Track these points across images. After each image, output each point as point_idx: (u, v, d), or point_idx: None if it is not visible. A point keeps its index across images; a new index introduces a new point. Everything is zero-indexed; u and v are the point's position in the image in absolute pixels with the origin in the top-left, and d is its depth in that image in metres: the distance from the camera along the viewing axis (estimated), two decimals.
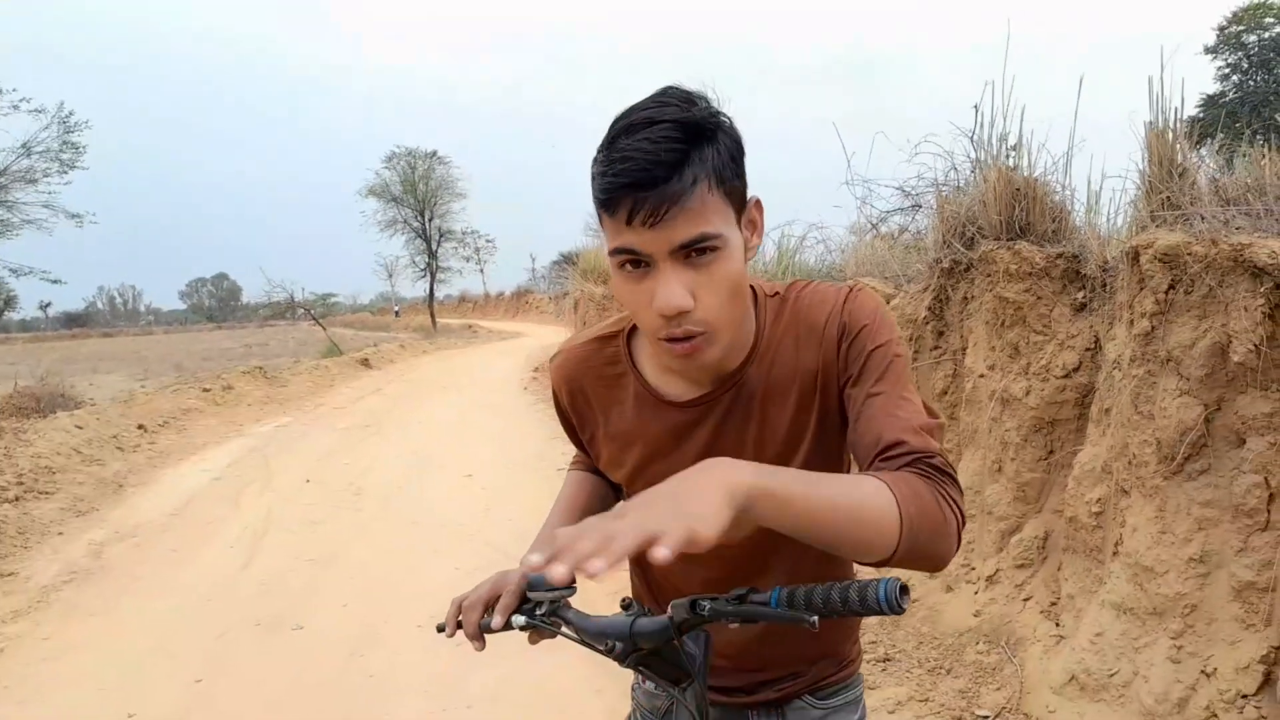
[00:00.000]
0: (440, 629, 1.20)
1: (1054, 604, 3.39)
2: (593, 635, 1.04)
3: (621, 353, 1.26)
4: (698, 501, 0.78)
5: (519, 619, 1.11)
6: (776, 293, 1.21)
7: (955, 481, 1.01)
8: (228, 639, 4.21)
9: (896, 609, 0.84)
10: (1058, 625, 3.28)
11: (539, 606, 1.10)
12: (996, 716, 3.07)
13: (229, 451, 9.48)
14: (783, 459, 1.15)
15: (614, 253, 1.02)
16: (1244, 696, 2.52)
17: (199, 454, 9.37)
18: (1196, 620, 2.68)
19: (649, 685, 1.32)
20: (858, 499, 0.90)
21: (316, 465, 8.46)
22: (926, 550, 0.93)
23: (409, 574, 4.99)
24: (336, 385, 16.65)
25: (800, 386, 1.15)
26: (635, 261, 1.01)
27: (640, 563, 1.35)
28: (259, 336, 41.49)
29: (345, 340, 27.48)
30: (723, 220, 1.02)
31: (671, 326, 1.02)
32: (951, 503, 0.97)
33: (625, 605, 1.03)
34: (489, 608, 1.15)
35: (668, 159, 0.96)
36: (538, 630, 1.13)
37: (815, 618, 0.88)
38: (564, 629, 1.09)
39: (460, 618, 1.16)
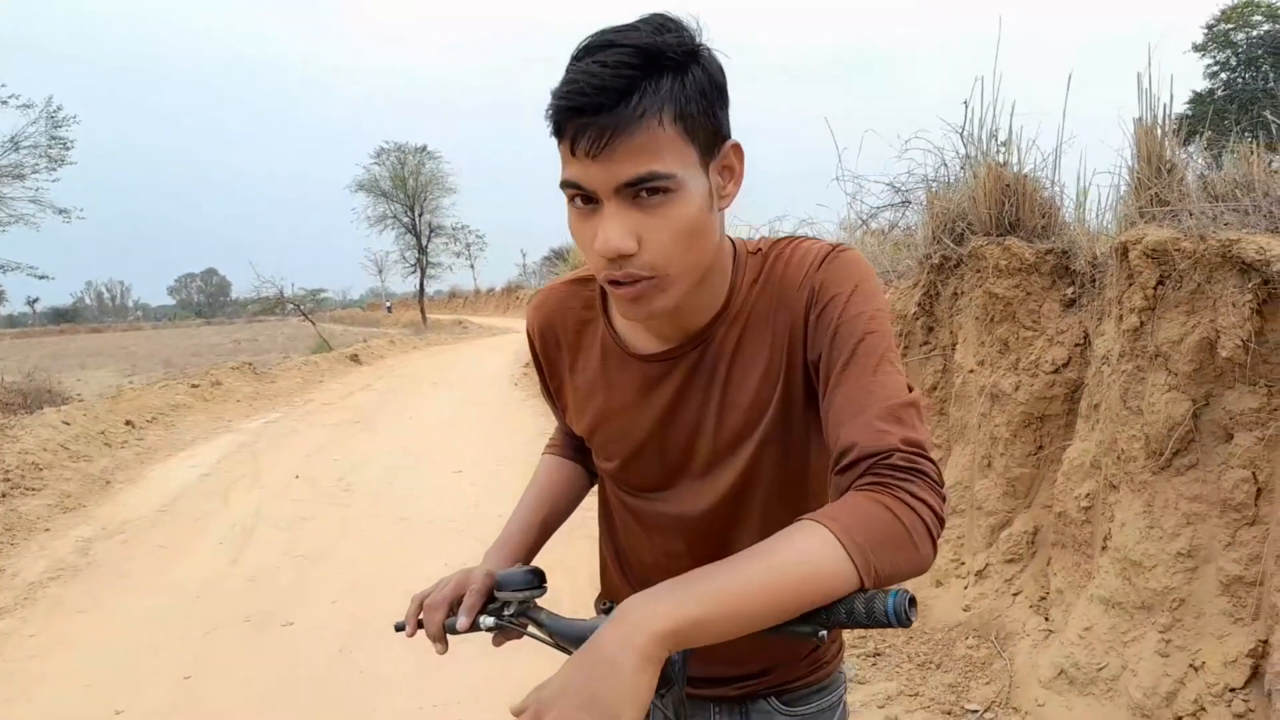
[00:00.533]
0: (399, 628, 1.15)
1: (1043, 598, 3.40)
2: (568, 638, 1.00)
3: (596, 297, 1.19)
4: (613, 688, 0.72)
5: (487, 620, 1.07)
6: (759, 250, 1.12)
7: (920, 474, 0.89)
8: (216, 635, 4.19)
9: (905, 622, 0.80)
10: (1047, 620, 3.30)
11: (507, 607, 1.06)
12: (986, 711, 3.08)
13: (218, 448, 9.43)
14: (743, 432, 1.09)
15: (563, 185, 0.96)
16: (1232, 690, 2.53)
17: (187, 450, 9.32)
18: (1185, 614, 2.69)
19: None
20: (795, 568, 0.81)
21: (306, 461, 8.43)
22: (895, 574, 0.85)
23: (398, 570, 4.98)
24: (326, 381, 16.59)
25: (771, 353, 1.08)
26: (585, 198, 0.94)
27: (611, 532, 1.30)
28: (248, 332, 41.41)
29: (335, 336, 27.42)
30: (678, 160, 0.92)
31: (612, 269, 0.94)
32: (912, 505, 0.87)
33: (605, 609, 1.00)
34: (453, 608, 1.10)
35: (614, 85, 0.88)
36: (505, 632, 1.09)
37: (823, 631, 0.83)
38: (534, 630, 1.05)
39: (421, 617, 1.12)
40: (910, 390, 0.97)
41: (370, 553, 5.40)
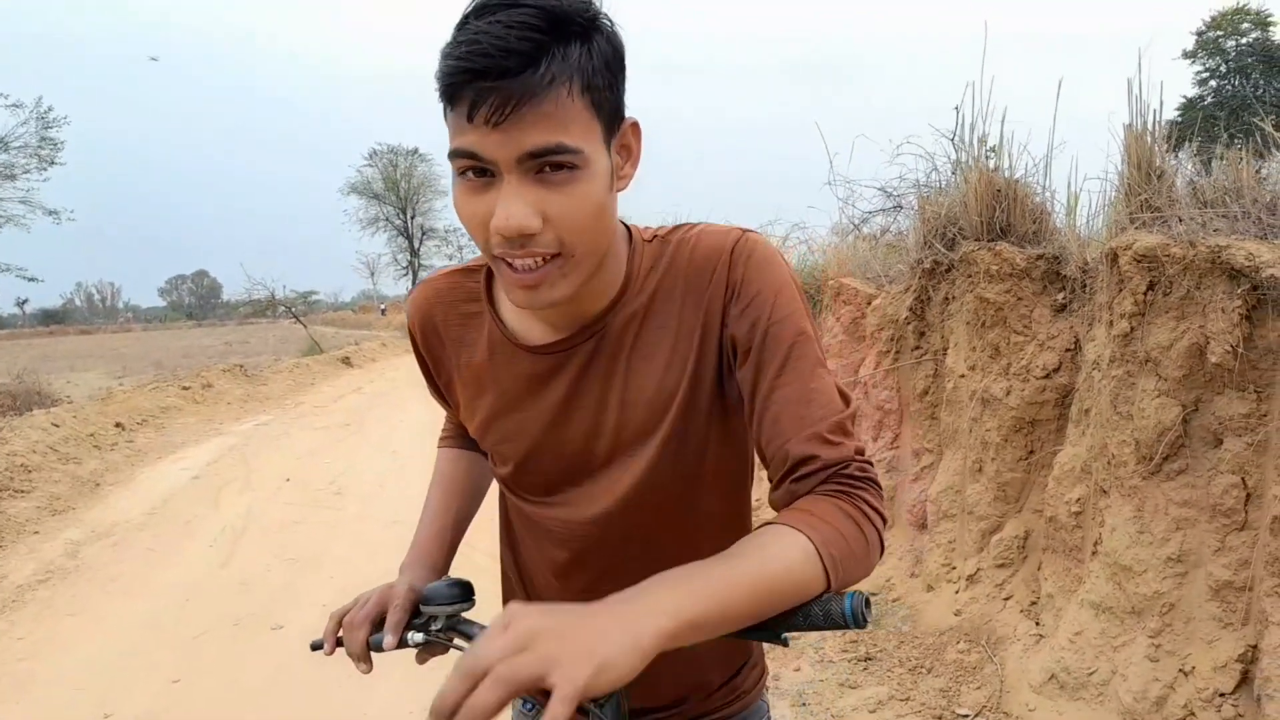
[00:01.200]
0: (316, 646, 1.09)
1: (1034, 603, 3.41)
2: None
3: (481, 288, 1.10)
4: (613, 643, 0.68)
5: (416, 636, 1.02)
6: (656, 236, 1.06)
7: (873, 484, 0.93)
8: (206, 638, 4.18)
9: (862, 623, 0.80)
10: (1038, 624, 3.31)
11: (434, 621, 1.02)
12: (977, 715, 3.09)
13: (208, 450, 9.41)
14: (649, 423, 1.02)
15: (453, 155, 0.87)
16: (1221, 695, 2.54)
17: (178, 453, 9.29)
18: (1174, 619, 2.70)
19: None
20: (779, 568, 0.81)
21: (297, 464, 8.41)
22: (851, 580, 0.86)
23: (389, 573, 4.91)
24: (317, 384, 16.57)
25: (676, 343, 1.01)
26: (478, 171, 0.86)
27: (511, 542, 1.23)
28: (239, 334, 41.28)
29: (326, 338, 27.37)
30: (585, 134, 0.86)
31: (510, 248, 0.87)
32: (870, 516, 0.90)
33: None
34: (376, 625, 1.06)
35: (521, 48, 0.81)
36: (430, 648, 1.04)
37: (785, 634, 0.82)
38: (462, 644, 1.01)
39: (341, 634, 1.07)
40: (845, 399, 0.97)
41: (361, 556, 5.38)
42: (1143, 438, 2.78)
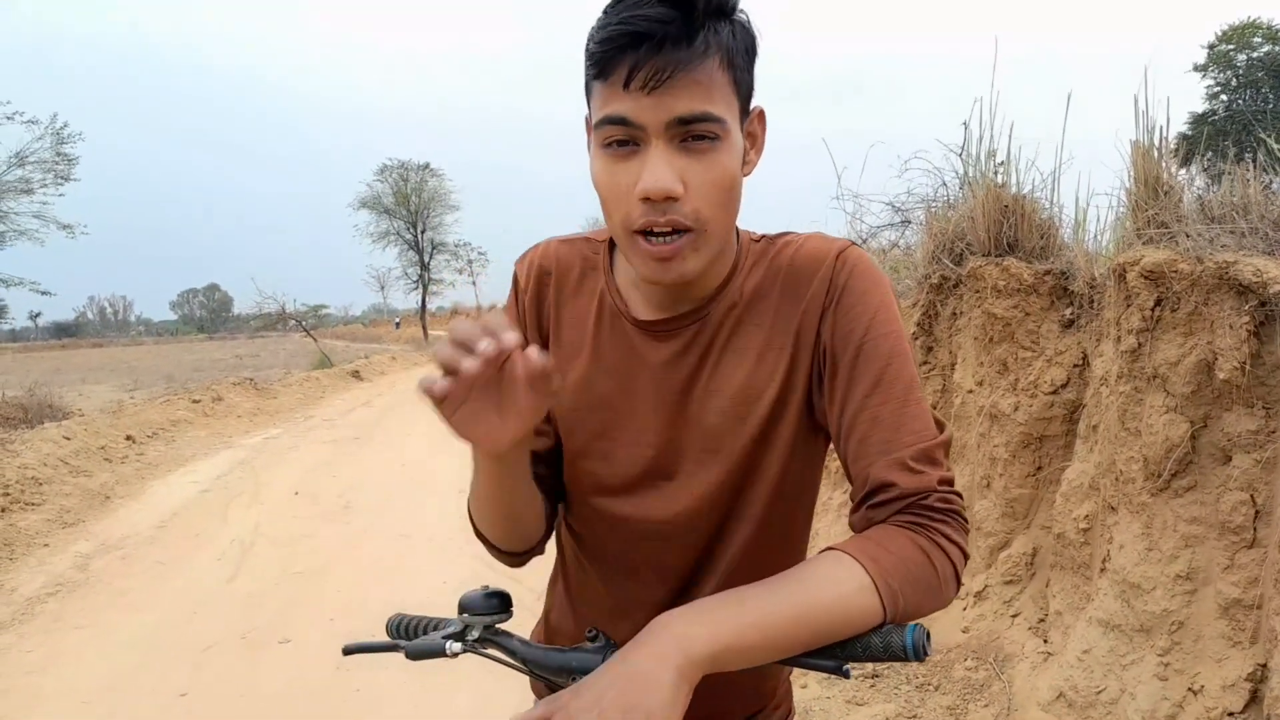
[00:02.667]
0: (347, 651, 1.07)
1: (1042, 620, 3.39)
2: (545, 667, 0.93)
3: (601, 258, 1.11)
4: (654, 701, 0.70)
5: (454, 645, 0.97)
6: (764, 237, 1.08)
7: (955, 516, 0.91)
8: (213, 652, 4.18)
9: (922, 656, 0.79)
10: (1046, 642, 3.28)
11: (470, 630, 0.98)
12: None
13: (218, 463, 9.44)
14: (733, 416, 1.02)
15: (601, 124, 0.90)
16: (1230, 714, 2.52)
17: (187, 465, 9.32)
18: (1183, 637, 2.69)
19: None
20: (829, 597, 0.81)
21: (306, 478, 8.43)
22: (916, 613, 0.86)
23: (397, 588, 4.97)
24: (327, 397, 16.62)
25: (769, 340, 1.02)
26: (622, 141, 0.90)
27: (565, 574, 1.21)
28: (250, 347, 41.42)
29: (336, 352, 27.46)
30: (728, 109, 0.91)
31: (654, 214, 0.90)
32: (945, 548, 0.89)
33: (591, 636, 0.93)
34: (412, 630, 1.04)
35: (681, 17, 0.86)
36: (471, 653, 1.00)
37: (848, 665, 0.81)
38: (498, 655, 0.98)
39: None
40: (940, 427, 0.96)
41: (369, 570, 5.39)
42: (1151, 454, 2.76)
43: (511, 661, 0.97)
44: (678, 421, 1.04)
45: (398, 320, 59.32)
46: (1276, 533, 2.47)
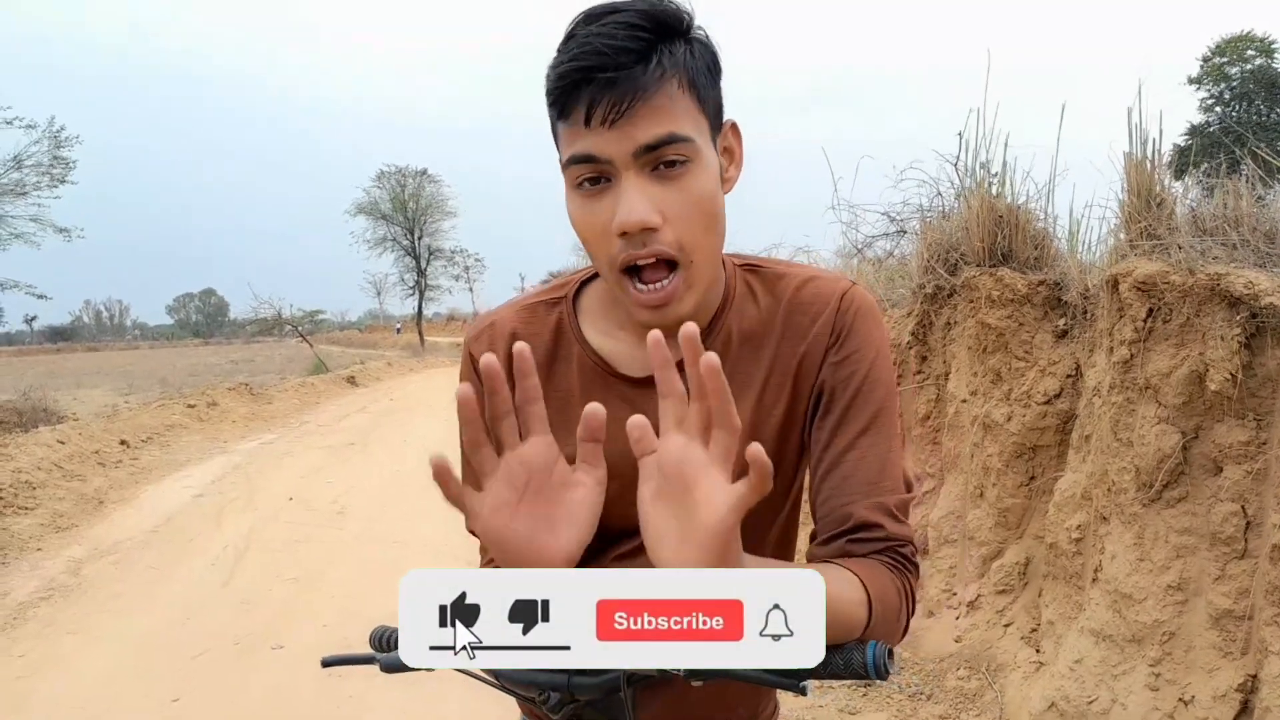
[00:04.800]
0: (326, 663, 1.05)
1: (1034, 630, 3.40)
2: (518, 681, 0.91)
3: (567, 320, 1.05)
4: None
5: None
6: (750, 265, 1.06)
7: (916, 571, 0.95)
8: (206, 658, 4.17)
9: (884, 674, 0.79)
10: (1038, 652, 3.29)
11: None
12: None
13: (212, 468, 9.42)
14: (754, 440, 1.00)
15: (570, 163, 0.89)
16: None
17: (182, 470, 9.31)
18: (1175, 648, 2.69)
19: None
20: (840, 601, 0.83)
21: (300, 483, 8.41)
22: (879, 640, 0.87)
23: (391, 594, 4.90)
24: (322, 403, 16.60)
25: (770, 376, 1.01)
26: (594, 178, 0.88)
27: None
28: (246, 353, 41.34)
29: (332, 357, 27.43)
30: (696, 128, 0.89)
31: (633, 247, 0.88)
32: (909, 597, 0.93)
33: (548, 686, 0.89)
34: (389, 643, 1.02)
35: (632, 45, 0.85)
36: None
37: (805, 682, 0.81)
38: (473, 669, 0.93)
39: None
40: (909, 485, 0.99)
41: (363, 577, 5.38)
42: (1143, 465, 2.78)
43: (482, 675, 0.96)
44: None
45: (399, 326, 59.28)
46: (1267, 544, 2.48)
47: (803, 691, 0.81)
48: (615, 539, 1.04)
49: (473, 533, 0.87)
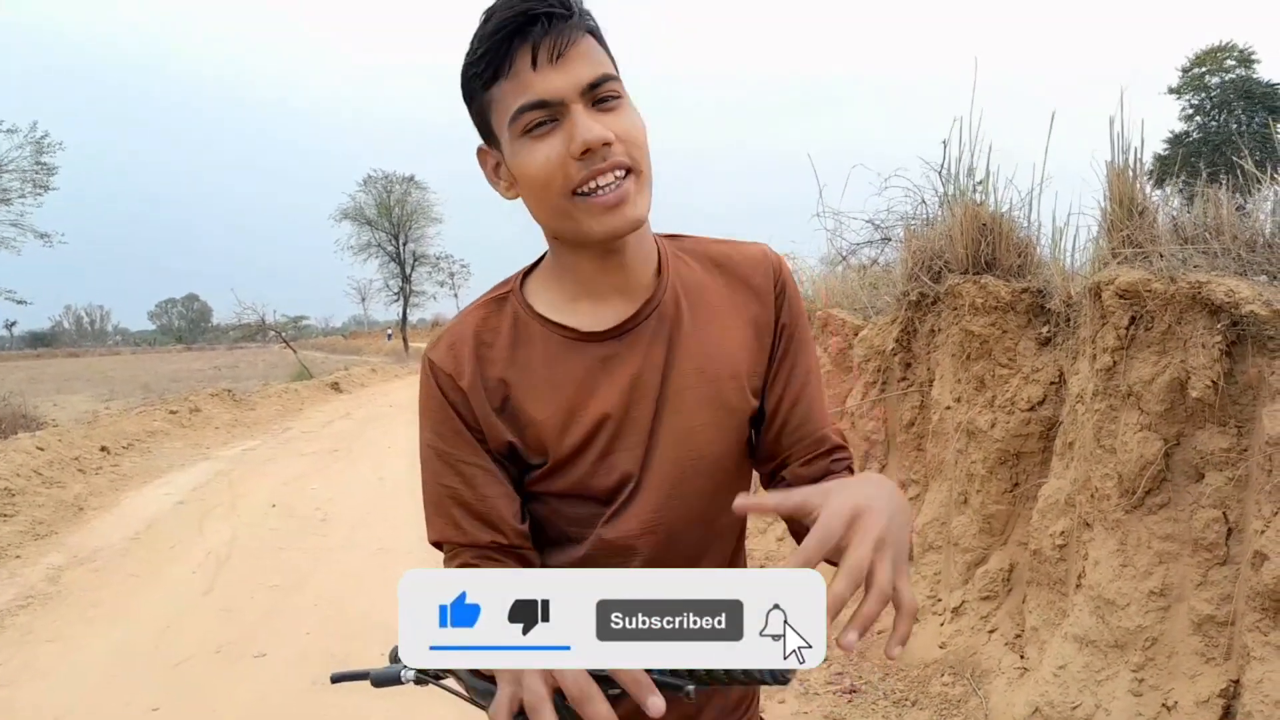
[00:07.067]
0: (335, 679, 1.10)
1: (1019, 636, 3.41)
2: (484, 694, 0.90)
3: (520, 308, 1.10)
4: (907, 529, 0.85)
5: (408, 673, 0.99)
6: (669, 235, 1.18)
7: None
8: (187, 666, 4.14)
9: (783, 679, 0.79)
10: (1022, 657, 3.30)
11: None
12: None
13: (194, 475, 9.35)
14: (719, 390, 1.09)
15: (520, 112, 0.96)
16: None
17: (163, 477, 9.24)
18: (1157, 653, 2.71)
19: None
20: None
21: (283, 490, 8.36)
22: None
23: (374, 601, 4.93)
24: (305, 409, 16.50)
25: (734, 320, 1.12)
26: (544, 122, 0.96)
27: None
28: (229, 358, 41.13)
29: (316, 363, 27.31)
30: (616, 71, 1.00)
31: (595, 163, 0.95)
32: None
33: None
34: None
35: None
36: (420, 683, 0.99)
37: (692, 687, 0.80)
38: (451, 684, 0.98)
39: None
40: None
41: (346, 583, 5.35)
42: (1125, 471, 2.79)
43: (463, 693, 0.96)
44: (664, 401, 1.08)
45: (389, 332, 59.07)
46: (1249, 550, 2.50)
47: (689, 696, 0.80)
48: (606, 500, 1.09)
49: None
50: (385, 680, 0.98)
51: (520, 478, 1.11)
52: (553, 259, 1.10)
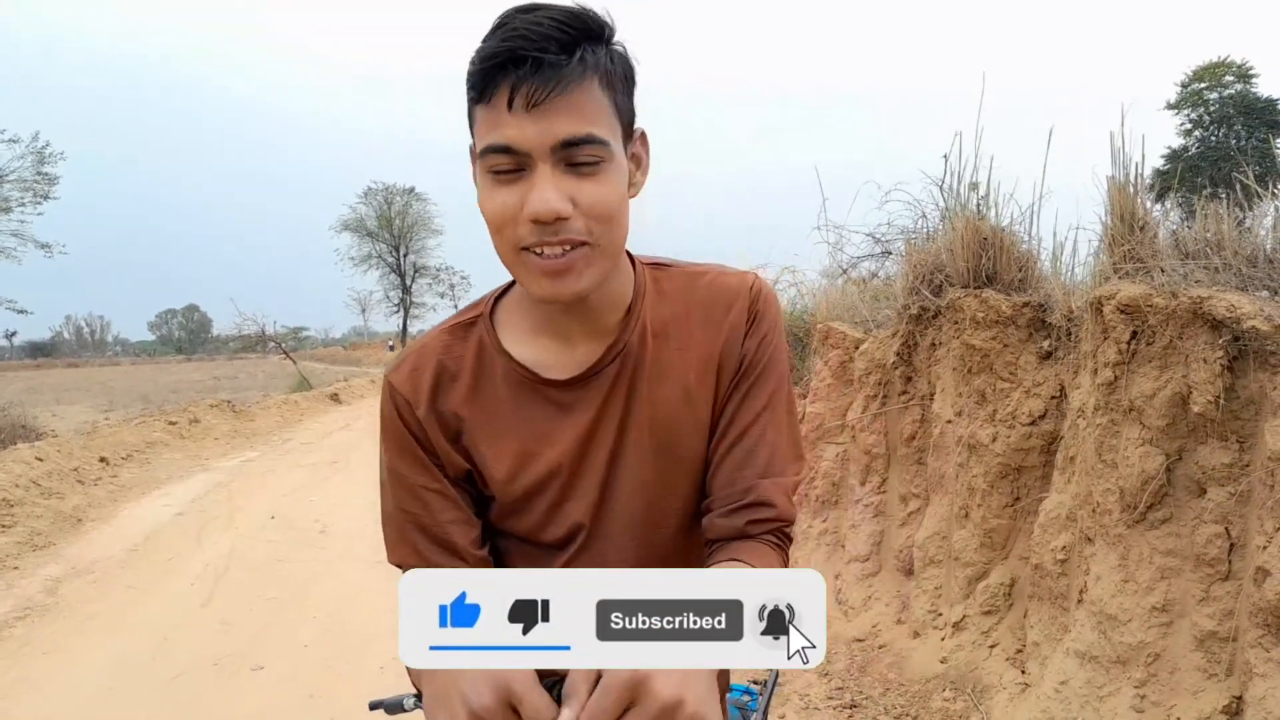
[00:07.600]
0: (373, 706, 1.11)
1: (1020, 651, 3.39)
2: None
3: (487, 337, 1.08)
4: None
5: (410, 700, 0.99)
6: (653, 262, 1.11)
7: (791, 542, 1.05)
8: (184, 679, 4.11)
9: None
10: (1023, 673, 3.29)
11: None
12: None
13: (193, 486, 9.33)
14: (671, 443, 1.06)
15: (486, 152, 0.90)
16: None
17: (162, 488, 9.21)
18: (1159, 669, 2.70)
19: None
20: None
21: (282, 502, 8.34)
22: None
23: (373, 614, 4.91)
24: (305, 420, 16.49)
25: (695, 366, 1.06)
26: (509, 170, 0.90)
27: None
28: (228, 369, 41.10)
29: (316, 374, 27.31)
30: (610, 132, 0.92)
31: (545, 234, 0.90)
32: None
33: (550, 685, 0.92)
34: None
35: (559, 36, 0.87)
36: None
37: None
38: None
39: None
40: (801, 460, 1.09)
41: (344, 596, 5.33)
42: (1127, 486, 2.79)
43: None
44: (618, 454, 1.06)
45: (391, 344, 59.11)
46: (1251, 565, 2.49)
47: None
48: (559, 546, 1.09)
49: None
50: (392, 707, 1.01)
51: (484, 507, 1.11)
52: (521, 290, 1.06)
